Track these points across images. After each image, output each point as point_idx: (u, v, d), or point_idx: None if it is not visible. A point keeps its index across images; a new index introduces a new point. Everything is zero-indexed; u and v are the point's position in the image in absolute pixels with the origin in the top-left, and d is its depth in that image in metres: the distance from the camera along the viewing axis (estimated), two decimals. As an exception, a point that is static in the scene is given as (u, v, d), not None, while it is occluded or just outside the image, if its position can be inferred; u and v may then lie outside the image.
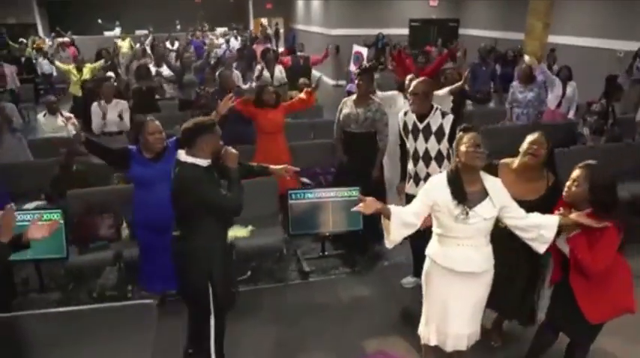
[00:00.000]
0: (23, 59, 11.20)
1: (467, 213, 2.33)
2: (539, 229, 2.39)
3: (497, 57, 8.84)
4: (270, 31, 20.48)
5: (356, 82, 4.20)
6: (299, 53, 8.62)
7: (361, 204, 2.39)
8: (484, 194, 2.38)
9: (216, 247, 2.63)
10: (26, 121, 8.61)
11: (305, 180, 5.02)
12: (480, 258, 2.42)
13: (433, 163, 3.42)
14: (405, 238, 2.56)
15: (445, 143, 3.36)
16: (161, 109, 6.89)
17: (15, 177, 4.72)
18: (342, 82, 12.39)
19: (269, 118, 4.57)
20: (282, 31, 19.81)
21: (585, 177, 2.42)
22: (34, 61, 11.76)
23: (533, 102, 5.75)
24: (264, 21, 21.17)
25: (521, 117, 5.81)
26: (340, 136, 4.25)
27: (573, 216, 2.38)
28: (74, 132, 3.34)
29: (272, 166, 3.08)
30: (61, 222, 3.57)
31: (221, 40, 14.39)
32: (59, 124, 6.00)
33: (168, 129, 3.82)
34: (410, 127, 3.43)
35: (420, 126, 3.40)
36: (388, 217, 2.43)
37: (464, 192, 2.35)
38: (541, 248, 2.44)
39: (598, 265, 2.38)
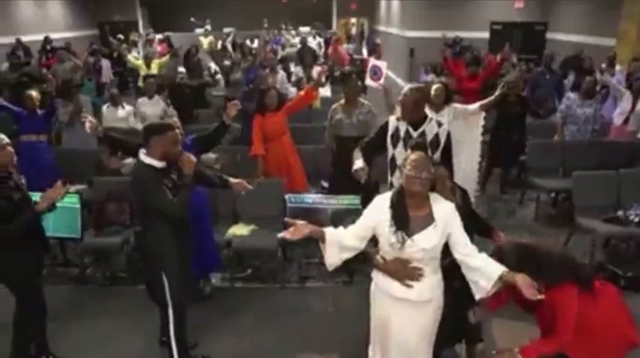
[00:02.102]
0: (116, 54, 12.26)
1: (403, 242, 2.15)
2: (479, 275, 2.16)
3: (577, 66, 8.06)
4: (353, 32, 20.55)
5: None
6: (359, 56, 8.55)
7: (290, 229, 2.23)
8: (429, 220, 2.18)
9: (166, 246, 2.71)
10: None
11: (324, 183, 4.99)
12: (421, 286, 2.23)
13: None
14: None
15: (439, 154, 3.17)
16: (211, 105, 7.21)
17: (69, 161, 5.23)
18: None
19: (271, 123, 4.54)
20: (367, 32, 19.80)
21: (514, 256, 2.27)
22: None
23: (590, 119, 5.19)
24: (353, 20, 21.29)
25: (576, 134, 5.26)
26: (332, 144, 4.19)
27: (519, 278, 2.09)
28: (89, 131, 3.57)
29: (231, 179, 3.12)
30: (77, 206, 3.92)
31: (296, 40, 14.66)
32: (120, 116, 6.52)
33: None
34: (401, 135, 3.25)
35: (414, 134, 3.21)
36: (323, 241, 2.28)
37: (406, 218, 2.17)
38: (477, 294, 2.20)
39: (564, 336, 2.20)
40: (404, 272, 2.20)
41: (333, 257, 2.29)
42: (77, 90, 6.05)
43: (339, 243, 2.27)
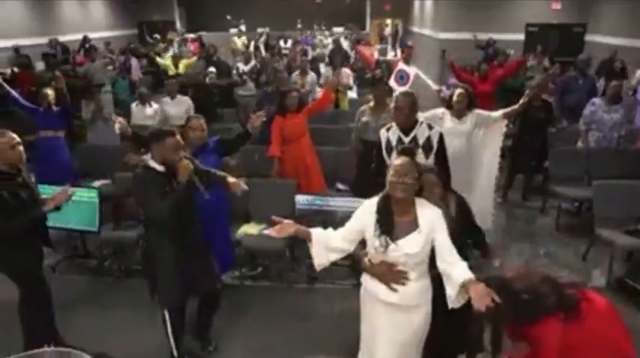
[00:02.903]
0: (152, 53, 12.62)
1: (386, 247, 2.16)
2: (448, 282, 2.12)
3: (608, 69, 7.77)
4: (387, 32, 20.44)
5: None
6: (384, 57, 8.49)
7: (276, 227, 2.24)
8: (414, 226, 2.17)
9: (161, 248, 2.81)
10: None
11: (340, 186, 5.00)
12: (405, 291, 2.22)
13: None
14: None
15: (432, 158, 3.14)
16: (238, 105, 7.33)
17: (92, 157, 5.50)
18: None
19: (291, 124, 4.58)
20: (401, 33, 19.64)
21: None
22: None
23: (617, 125, 4.99)
24: (388, 21, 21.16)
25: (602, 141, 5.07)
26: (358, 146, 4.17)
27: (472, 289, 2.00)
28: (118, 131, 3.72)
29: (230, 179, 3.09)
30: (96, 200, 4.08)
31: (329, 40, 14.70)
32: (148, 114, 6.73)
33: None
34: (394, 143, 3.24)
35: (406, 140, 3.21)
36: (310, 241, 2.29)
37: (391, 223, 2.17)
38: (449, 304, 2.14)
39: None
40: (389, 275, 2.20)
41: (320, 257, 2.31)
42: (98, 89, 6.29)
43: (326, 245, 2.29)
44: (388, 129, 3.31)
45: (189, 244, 2.88)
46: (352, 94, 7.80)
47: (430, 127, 3.22)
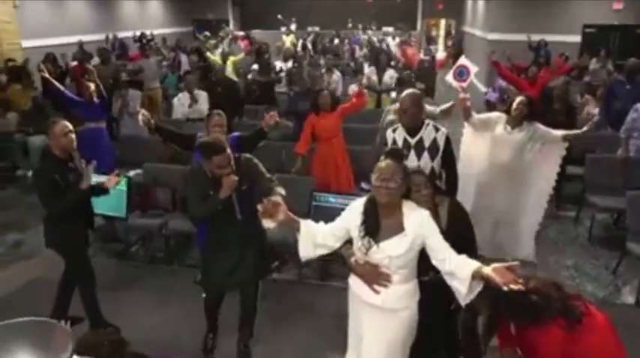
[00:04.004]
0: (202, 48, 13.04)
1: (368, 248, 2.15)
2: (454, 279, 2.07)
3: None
4: (435, 33, 20.04)
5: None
6: (424, 56, 8.34)
7: (265, 203, 2.24)
8: (399, 229, 2.14)
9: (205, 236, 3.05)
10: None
11: (364, 185, 5.00)
12: (388, 294, 2.20)
13: None
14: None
15: (439, 160, 3.09)
16: (279, 103, 7.46)
17: (123, 147, 5.88)
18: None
19: (324, 123, 4.66)
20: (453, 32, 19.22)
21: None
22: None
23: (663, 133, 4.68)
24: (442, 21, 20.73)
25: (644, 150, 4.77)
26: (382, 146, 4.15)
27: (491, 270, 1.96)
28: (141, 123, 3.91)
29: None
30: (124, 189, 4.30)
31: (375, 39, 14.59)
32: (186, 109, 6.97)
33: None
34: (400, 144, 3.20)
35: (412, 141, 3.16)
36: (299, 231, 2.31)
37: (376, 225, 2.16)
38: (461, 301, 2.11)
39: None
40: (372, 276, 2.20)
41: (306, 249, 2.33)
42: (125, 85, 6.62)
43: (314, 239, 2.30)
44: (394, 130, 3.27)
45: (227, 239, 2.94)
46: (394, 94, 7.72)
47: (437, 129, 3.16)
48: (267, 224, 2.35)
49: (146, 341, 2.79)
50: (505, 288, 1.89)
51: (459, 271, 2.05)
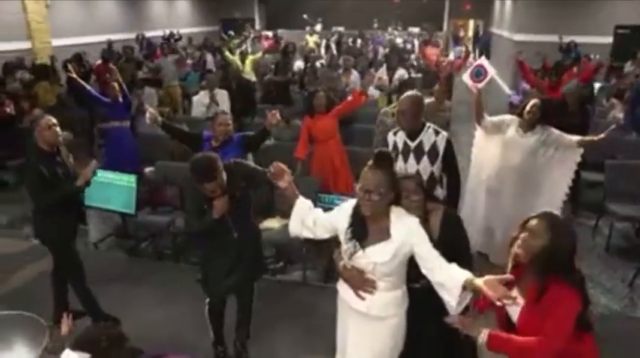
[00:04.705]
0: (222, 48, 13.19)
1: (353, 252, 2.11)
2: (444, 290, 2.00)
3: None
4: (463, 33, 19.71)
5: None
6: (444, 58, 8.22)
7: (275, 165, 2.24)
8: (385, 235, 2.08)
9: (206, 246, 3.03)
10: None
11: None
12: (372, 300, 2.15)
13: None
14: None
15: (439, 164, 3.01)
16: (294, 102, 7.46)
17: (142, 146, 5.93)
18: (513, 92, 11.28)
19: (319, 125, 4.60)
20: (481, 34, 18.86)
21: (546, 229, 1.91)
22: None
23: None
24: (472, 22, 20.40)
25: (668, 156, 4.56)
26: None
27: (483, 282, 1.86)
28: (148, 121, 3.98)
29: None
30: (134, 185, 4.38)
31: (399, 40, 14.47)
32: (204, 107, 7.06)
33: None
34: (400, 147, 3.14)
35: (412, 144, 3.10)
36: (293, 206, 2.30)
37: (364, 229, 2.11)
38: (451, 312, 2.01)
39: (554, 341, 1.83)
40: (358, 282, 2.16)
41: (295, 226, 2.33)
42: (141, 84, 6.74)
43: (303, 218, 2.30)
44: (395, 133, 3.22)
45: (223, 251, 2.93)
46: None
47: (437, 133, 3.09)
48: (271, 223, 2.35)
49: (146, 336, 2.86)
50: (498, 303, 1.81)
51: (448, 282, 1.98)
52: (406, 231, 2.07)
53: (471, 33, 20.47)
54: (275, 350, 3.39)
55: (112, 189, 4.39)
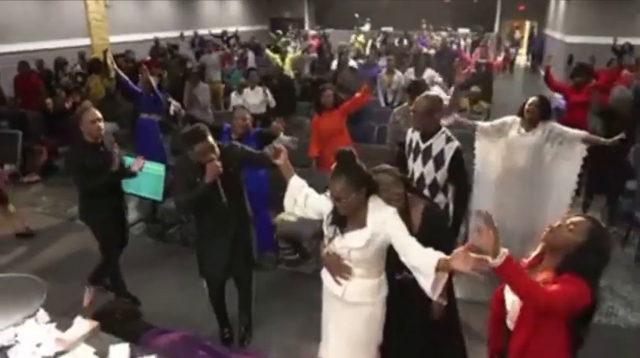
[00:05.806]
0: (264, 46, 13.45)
1: (333, 237, 2.20)
2: (419, 274, 2.01)
3: None
4: (518, 35, 19.06)
5: None
6: (483, 60, 8.04)
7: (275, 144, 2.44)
8: (362, 223, 2.16)
9: (199, 231, 3.19)
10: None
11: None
12: (348, 286, 2.23)
13: (425, 192, 3.03)
14: None
15: (444, 172, 3.00)
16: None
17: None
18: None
19: (327, 122, 4.68)
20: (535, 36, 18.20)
21: (588, 230, 1.88)
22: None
23: None
24: (528, 23, 19.73)
25: None
26: (393, 146, 4.14)
27: (452, 261, 1.81)
28: (172, 113, 4.23)
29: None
30: (161, 173, 4.63)
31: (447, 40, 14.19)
32: (239, 102, 7.32)
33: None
34: (413, 146, 3.15)
35: (422, 146, 3.09)
36: (288, 182, 2.43)
37: (343, 216, 2.19)
38: (432, 297, 1.99)
39: (555, 299, 1.78)
40: (335, 267, 2.24)
41: (288, 201, 2.46)
42: (195, 78, 7.04)
43: (295, 195, 2.42)
44: (414, 130, 3.22)
45: (223, 229, 3.03)
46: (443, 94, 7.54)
47: (448, 140, 3.03)
48: (287, 216, 2.48)
49: (160, 314, 3.09)
50: (473, 273, 1.76)
51: (423, 265, 1.98)
52: (382, 221, 2.13)
53: (526, 34, 19.79)
54: (280, 337, 3.51)
55: (142, 177, 4.64)
